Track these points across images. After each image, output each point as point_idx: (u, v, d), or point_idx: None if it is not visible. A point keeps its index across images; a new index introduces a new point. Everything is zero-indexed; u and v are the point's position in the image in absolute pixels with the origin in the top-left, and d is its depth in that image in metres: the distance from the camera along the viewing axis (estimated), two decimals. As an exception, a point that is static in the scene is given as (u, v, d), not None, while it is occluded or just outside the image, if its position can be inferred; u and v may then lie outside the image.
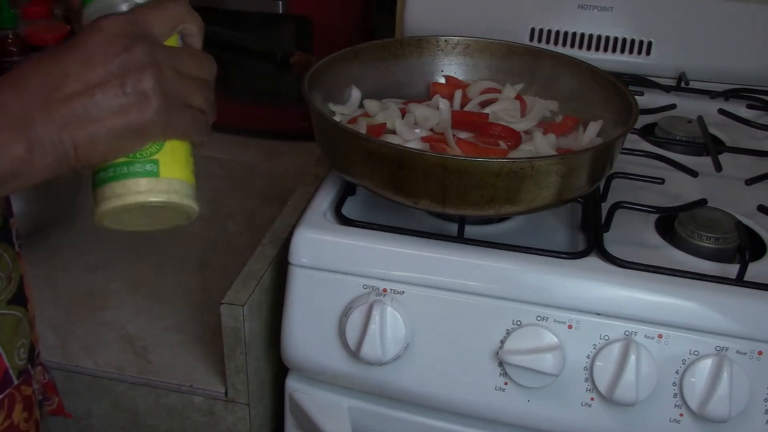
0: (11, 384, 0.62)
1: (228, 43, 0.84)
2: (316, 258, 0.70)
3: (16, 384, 0.63)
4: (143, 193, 0.49)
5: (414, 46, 0.86)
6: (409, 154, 0.64)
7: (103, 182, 0.49)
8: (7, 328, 0.61)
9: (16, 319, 0.62)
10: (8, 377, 0.62)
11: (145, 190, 0.49)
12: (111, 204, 0.49)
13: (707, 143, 0.87)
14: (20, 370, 0.63)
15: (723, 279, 0.66)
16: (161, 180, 0.49)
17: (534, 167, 0.62)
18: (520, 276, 0.67)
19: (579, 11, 1.05)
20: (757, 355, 0.63)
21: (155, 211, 0.51)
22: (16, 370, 0.63)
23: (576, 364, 0.66)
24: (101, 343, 0.81)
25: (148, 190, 0.49)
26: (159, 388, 0.77)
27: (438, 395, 0.70)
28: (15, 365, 0.62)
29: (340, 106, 0.80)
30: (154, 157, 0.49)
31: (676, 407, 0.65)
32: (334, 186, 0.78)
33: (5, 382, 0.62)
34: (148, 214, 0.51)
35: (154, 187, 0.49)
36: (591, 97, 0.79)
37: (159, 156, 0.49)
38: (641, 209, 0.72)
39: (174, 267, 0.92)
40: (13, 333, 0.62)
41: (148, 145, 0.48)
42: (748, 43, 1.01)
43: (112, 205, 0.49)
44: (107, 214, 0.50)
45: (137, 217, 0.52)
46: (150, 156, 0.49)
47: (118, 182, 0.49)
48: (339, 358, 0.71)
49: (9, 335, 0.61)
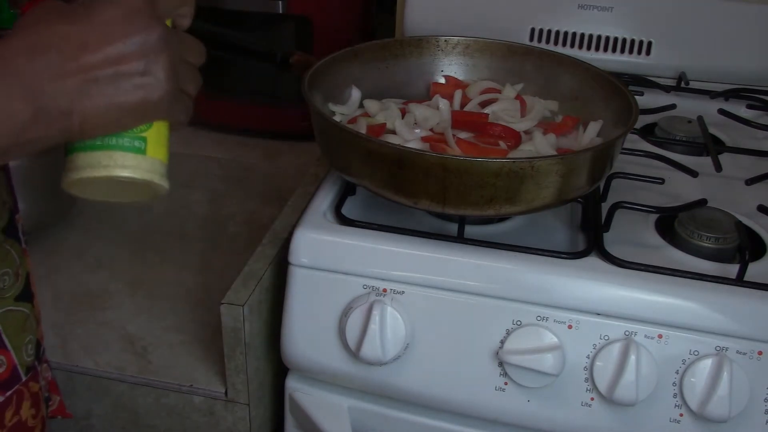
0: (19, 380, 0.62)
1: (228, 43, 0.83)
2: (316, 258, 0.70)
3: (24, 380, 0.63)
4: (129, 168, 0.49)
5: (414, 46, 0.86)
6: (409, 154, 0.64)
7: (85, 149, 0.49)
8: (15, 324, 0.61)
9: (23, 315, 0.62)
10: (17, 373, 0.62)
11: (131, 166, 0.49)
12: (92, 173, 0.49)
13: (707, 143, 0.87)
14: (28, 366, 0.63)
15: (723, 279, 0.66)
16: (146, 158, 0.50)
17: (534, 167, 0.62)
18: (520, 276, 0.67)
19: (579, 11, 1.05)
20: (757, 355, 0.63)
21: (127, 186, 0.51)
22: (24, 367, 0.63)
23: (576, 364, 0.66)
24: (101, 343, 0.81)
25: (133, 166, 0.49)
26: (159, 388, 0.77)
27: (438, 395, 0.70)
28: (23, 361, 0.63)
29: (340, 106, 0.80)
30: (143, 135, 0.49)
31: (676, 407, 0.65)
32: (334, 186, 0.78)
33: (14, 379, 0.62)
34: (117, 187, 0.51)
35: (140, 164, 0.49)
36: (591, 97, 0.79)
37: (147, 134, 0.49)
38: (641, 209, 0.72)
39: (174, 267, 0.92)
40: (21, 329, 0.62)
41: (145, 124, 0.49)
42: (748, 43, 1.01)
43: (94, 174, 0.49)
44: (83, 182, 0.49)
45: (104, 188, 0.51)
46: (139, 133, 0.49)
47: (103, 152, 0.48)
48: (339, 358, 0.71)
49: (17, 331, 0.62)
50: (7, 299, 0.61)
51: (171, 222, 1.00)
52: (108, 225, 0.99)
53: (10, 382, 0.61)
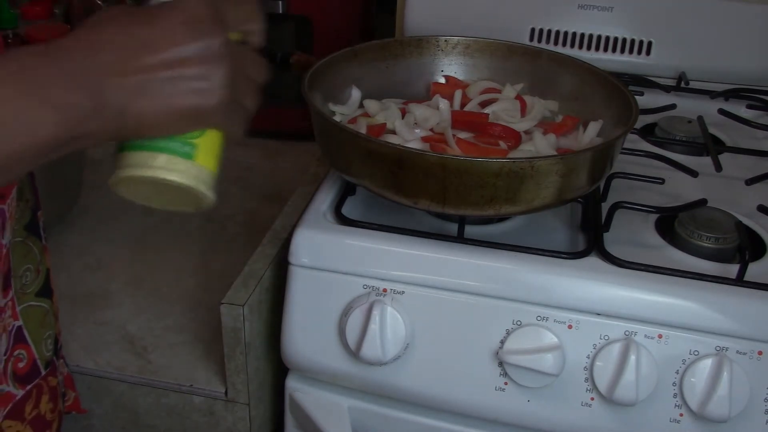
0: (39, 374, 0.63)
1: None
2: (316, 258, 0.70)
3: (44, 375, 0.64)
4: (175, 172, 0.49)
5: (414, 46, 0.86)
6: (409, 154, 0.64)
7: (135, 148, 0.49)
8: (35, 319, 0.62)
9: (43, 310, 0.63)
10: (36, 368, 0.63)
11: (178, 170, 0.49)
12: (138, 172, 0.48)
13: (707, 143, 0.87)
14: (47, 361, 0.64)
15: (723, 279, 0.66)
16: (194, 165, 0.50)
17: (534, 167, 0.62)
18: (520, 276, 0.67)
19: (579, 11, 1.05)
20: (757, 355, 0.63)
21: (173, 192, 0.50)
22: (43, 361, 0.63)
23: (576, 364, 0.66)
24: (101, 343, 0.81)
25: (180, 171, 0.49)
26: (159, 388, 0.77)
27: (438, 395, 0.70)
28: (43, 356, 0.63)
29: (340, 106, 0.80)
30: (193, 141, 0.49)
31: (676, 407, 0.65)
32: (334, 186, 0.78)
33: (34, 373, 0.62)
34: (163, 191, 0.51)
35: (187, 170, 0.49)
36: (591, 97, 0.79)
37: (199, 141, 0.50)
38: (641, 209, 0.72)
39: (174, 267, 0.92)
40: (41, 324, 0.63)
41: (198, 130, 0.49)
42: (748, 43, 1.01)
43: (139, 173, 0.48)
44: (128, 181, 0.49)
45: (149, 191, 0.51)
46: (190, 138, 0.49)
47: (152, 153, 0.48)
48: (339, 358, 0.71)
49: (37, 326, 0.62)
50: (29, 294, 0.62)
51: (171, 222, 1.00)
52: (108, 225, 0.99)
53: (31, 376, 0.62)
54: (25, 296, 0.61)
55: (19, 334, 0.61)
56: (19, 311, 0.60)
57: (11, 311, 0.59)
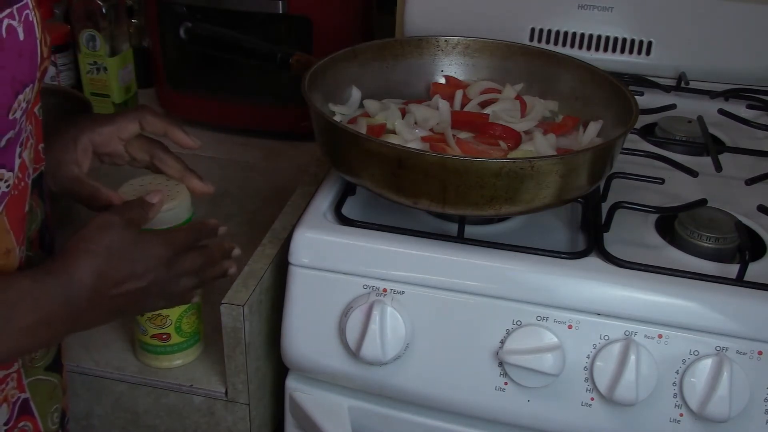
0: None
1: (228, 43, 0.83)
2: (316, 258, 0.70)
3: None
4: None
5: (414, 46, 0.86)
6: (409, 154, 0.64)
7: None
8: (43, 393, 0.62)
9: (52, 385, 0.63)
10: None
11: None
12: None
13: (707, 143, 0.87)
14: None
15: (723, 279, 0.66)
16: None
17: (534, 167, 0.62)
18: (520, 276, 0.67)
19: (579, 11, 1.05)
20: (757, 355, 0.63)
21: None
22: None
23: (576, 364, 0.66)
24: (101, 343, 0.81)
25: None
26: (159, 388, 0.77)
27: (438, 395, 0.71)
28: (48, 429, 0.63)
29: (340, 106, 0.80)
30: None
31: (676, 407, 0.65)
32: (334, 186, 0.78)
33: None
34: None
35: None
36: (591, 97, 0.79)
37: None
38: (641, 209, 0.72)
39: (174, 267, 0.92)
40: (49, 398, 0.63)
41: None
42: (748, 43, 1.01)
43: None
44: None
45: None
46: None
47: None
48: (339, 358, 0.71)
49: (44, 400, 0.63)
50: (38, 368, 0.62)
51: (171, 222, 0.99)
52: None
53: None
54: (34, 369, 0.61)
55: (25, 406, 0.60)
56: (26, 384, 0.60)
57: (16, 383, 0.59)
